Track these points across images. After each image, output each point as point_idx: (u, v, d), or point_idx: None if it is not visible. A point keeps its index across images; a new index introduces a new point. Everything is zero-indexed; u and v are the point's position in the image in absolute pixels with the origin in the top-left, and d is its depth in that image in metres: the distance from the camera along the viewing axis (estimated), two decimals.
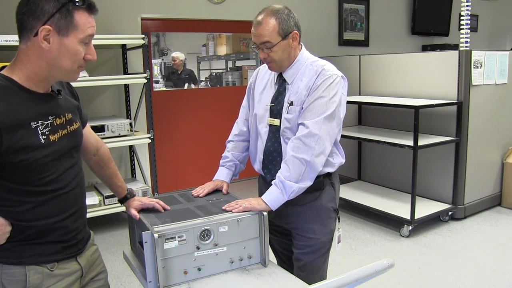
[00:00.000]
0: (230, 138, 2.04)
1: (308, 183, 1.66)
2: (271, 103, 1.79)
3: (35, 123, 1.16)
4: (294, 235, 1.86)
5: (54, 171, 1.22)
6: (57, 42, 1.13)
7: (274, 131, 1.78)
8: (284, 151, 1.76)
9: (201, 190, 1.81)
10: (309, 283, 1.69)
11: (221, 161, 1.98)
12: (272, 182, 1.69)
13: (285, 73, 1.77)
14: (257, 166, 1.90)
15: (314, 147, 1.63)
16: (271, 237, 1.97)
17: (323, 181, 1.80)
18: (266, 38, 1.66)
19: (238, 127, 2.02)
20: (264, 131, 1.82)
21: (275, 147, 1.79)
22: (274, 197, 1.64)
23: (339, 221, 1.89)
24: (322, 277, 1.90)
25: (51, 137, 1.20)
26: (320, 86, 1.67)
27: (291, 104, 1.72)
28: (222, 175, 1.92)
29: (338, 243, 1.92)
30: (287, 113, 1.73)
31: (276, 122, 1.76)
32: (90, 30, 1.17)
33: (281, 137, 1.76)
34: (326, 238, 1.84)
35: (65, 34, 1.14)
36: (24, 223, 1.19)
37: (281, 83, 1.79)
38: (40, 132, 1.17)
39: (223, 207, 1.61)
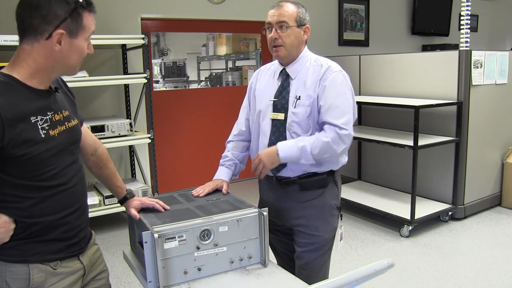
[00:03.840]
0: (229, 138, 2.04)
1: (316, 160, 1.72)
2: (274, 98, 1.81)
3: (35, 118, 1.18)
4: (297, 233, 1.87)
5: (55, 166, 1.23)
6: (68, 43, 1.19)
7: (278, 125, 1.80)
8: None
9: (201, 190, 1.81)
10: (311, 282, 1.71)
11: (221, 160, 1.98)
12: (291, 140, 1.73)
13: (288, 68, 1.82)
14: None
15: (347, 145, 1.73)
16: (272, 237, 1.97)
17: (326, 179, 1.82)
18: (284, 18, 1.72)
19: (238, 127, 2.03)
20: (267, 127, 1.83)
21: (279, 141, 1.79)
22: (288, 147, 1.69)
23: (341, 219, 1.91)
24: (324, 276, 1.90)
25: (51, 132, 1.22)
26: (334, 84, 1.73)
27: (298, 98, 1.75)
28: (222, 174, 1.92)
29: (340, 240, 1.93)
30: (294, 107, 1.76)
31: (280, 116, 1.79)
32: (93, 27, 1.25)
33: (287, 131, 1.78)
34: (329, 236, 1.86)
35: (75, 35, 1.19)
36: (28, 219, 1.20)
37: (285, 78, 1.83)
38: (40, 127, 1.19)
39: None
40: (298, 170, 1.80)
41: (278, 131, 1.80)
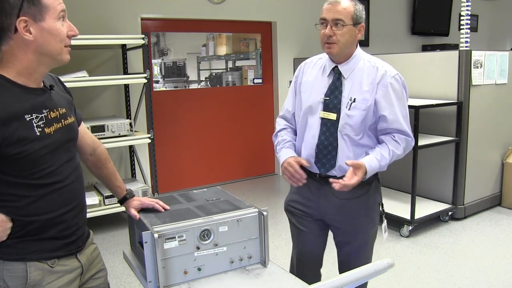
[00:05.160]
0: (280, 127, 1.98)
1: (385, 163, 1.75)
2: (325, 97, 1.78)
3: (29, 116, 1.18)
4: (337, 231, 1.89)
5: (51, 164, 1.23)
6: (38, 29, 1.16)
7: (329, 125, 1.77)
8: (341, 147, 1.76)
9: (296, 174, 1.75)
10: None
11: (278, 146, 1.91)
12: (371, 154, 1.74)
13: (341, 66, 1.78)
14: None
15: (411, 148, 1.81)
16: (305, 233, 1.94)
17: (371, 177, 1.81)
18: (340, 16, 1.68)
19: (285, 116, 1.98)
20: (315, 124, 1.80)
21: (330, 141, 1.77)
22: (371, 161, 1.70)
23: (384, 212, 1.92)
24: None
25: (46, 130, 1.22)
26: (395, 90, 1.74)
27: (354, 101, 1.73)
28: (289, 152, 1.85)
29: (384, 232, 1.95)
30: (348, 109, 1.73)
31: (331, 116, 1.75)
32: (60, 6, 1.20)
33: (338, 132, 1.76)
34: (371, 232, 1.90)
35: (41, 18, 1.16)
36: (25, 218, 1.20)
37: (337, 77, 1.78)
38: (35, 124, 1.19)
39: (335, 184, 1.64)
40: (345, 170, 1.74)
41: (329, 131, 1.77)
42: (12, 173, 1.17)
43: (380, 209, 1.91)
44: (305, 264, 2.03)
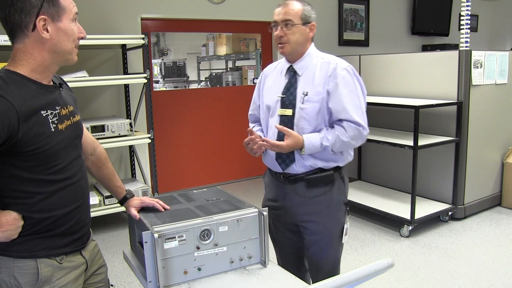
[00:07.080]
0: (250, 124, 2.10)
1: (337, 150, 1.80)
2: (282, 94, 1.85)
3: (45, 112, 1.21)
4: (305, 230, 1.90)
5: (63, 160, 1.26)
6: (55, 28, 1.20)
7: (286, 121, 1.82)
8: None
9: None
10: (324, 277, 1.80)
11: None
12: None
13: (295, 65, 1.86)
14: (269, 160, 1.92)
15: (364, 141, 1.85)
16: (280, 234, 2.01)
17: (333, 175, 1.85)
18: (289, 17, 1.77)
19: (253, 114, 2.08)
20: (275, 123, 1.84)
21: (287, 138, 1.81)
22: (312, 138, 1.75)
23: (348, 214, 1.93)
24: (336, 269, 1.96)
25: (60, 126, 1.25)
26: (345, 81, 1.77)
27: (306, 94, 1.79)
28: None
29: (344, 235, 1.95)
30: (302, 103, 1.79)
31: (288, 112, 1.82)
32: (75, 9, 1.26)
33: (294, 126, 1.80)
34: (337, 231, 1.88)
35: (58, 19, 1.21)
36: (37, 215, 1.22)
37: (292, 75, 1.86)
38: (50, 120, 1.22)
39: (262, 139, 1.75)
40: (305, 166, 1.82)
41: (286, 127, 1.81)
42: (27, 168, 1.19)
43: (346, 209, 1.92)
44: (287, 259, 2.09)
